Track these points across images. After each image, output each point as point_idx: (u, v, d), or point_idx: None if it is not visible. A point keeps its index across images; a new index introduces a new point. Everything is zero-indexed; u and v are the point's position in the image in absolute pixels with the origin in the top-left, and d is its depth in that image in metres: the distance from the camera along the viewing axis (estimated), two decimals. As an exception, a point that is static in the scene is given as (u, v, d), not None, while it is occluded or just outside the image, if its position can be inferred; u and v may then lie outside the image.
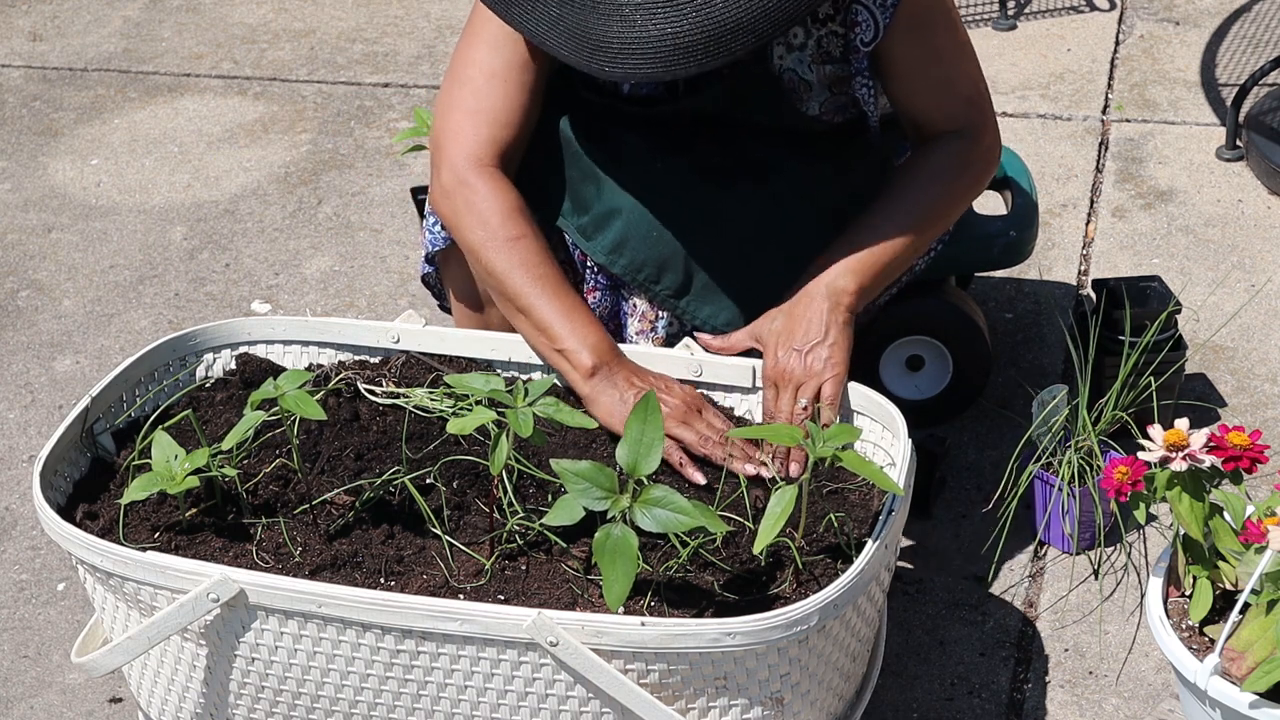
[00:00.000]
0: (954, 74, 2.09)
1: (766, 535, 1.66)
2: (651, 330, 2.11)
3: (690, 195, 2.07)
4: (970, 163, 2.10)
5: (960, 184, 2.09)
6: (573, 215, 2.08)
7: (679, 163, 2.07)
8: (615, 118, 2.10)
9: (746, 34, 1.80)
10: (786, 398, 1.93)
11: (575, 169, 2.07)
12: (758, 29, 1.80)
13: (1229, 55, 3.43)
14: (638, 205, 2.04)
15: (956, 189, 2.09)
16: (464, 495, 1.86)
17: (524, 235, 1.98)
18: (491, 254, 1.98)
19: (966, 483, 2.36)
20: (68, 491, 1.91)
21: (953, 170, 2.08)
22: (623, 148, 2.08)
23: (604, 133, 2.09)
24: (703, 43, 1.79)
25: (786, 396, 1.93)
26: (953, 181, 2.08)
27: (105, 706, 2.11)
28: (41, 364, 2.77)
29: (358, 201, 3.16)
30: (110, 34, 3.86)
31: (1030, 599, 2.18)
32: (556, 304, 1.97)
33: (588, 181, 2.07)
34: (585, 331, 1.95)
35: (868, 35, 2.01)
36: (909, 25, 2.02)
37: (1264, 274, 2.76)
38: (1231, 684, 1.68)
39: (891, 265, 2.03)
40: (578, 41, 1.84)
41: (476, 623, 1.65)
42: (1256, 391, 2.51)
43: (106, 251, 3.06)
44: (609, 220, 2.06)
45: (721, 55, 1.80)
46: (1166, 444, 1.76)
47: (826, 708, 1.77)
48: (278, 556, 1.79)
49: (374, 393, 1.98)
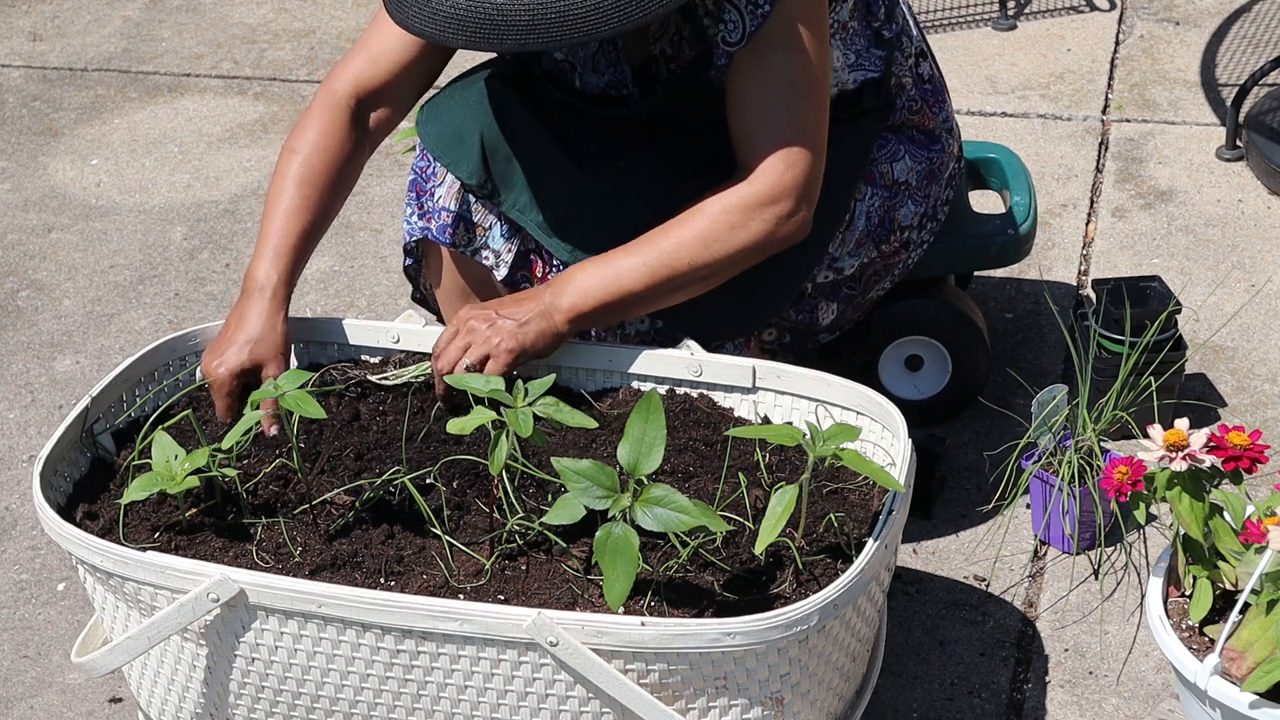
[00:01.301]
0: (778, 106, 1.96)
1: (767, 535, 1.66)
2: (619, 326, 2.12)
3: (652, 191, 2.07)
4: (736, 221, 1.96)
5: (718, 237, 1.96)
6: (533, 210, 2.09)
7: (641, 157, 2.08)
8: (578, 115, 2.11)
9: (520, 31, 1.80)
10: (457, 346, 1.94)
11: (540, 164, 2.08)
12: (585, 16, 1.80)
13: (1229, 55, 3.43)
14: (600, 204, 2.05)
15: (713, 242, 1.96)
16: (464, 495, 1.86)
17: (297, 152, 2.07)
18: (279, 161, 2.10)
19: (966, 483, 2.36)
20: (68, 491, 1.91)
21: (714, 222, 1.96)
22: (585, 146, 2.10)
23: (567, 131, 2.10)
24: (476, 20, 1.81)
25: (458, 345, 1.94)
26: (710, 233, 1.96)
27: (105, 706, 2.11)
28: (41, 364, 2.77)
29: (358, 201, 3.16)
30: (110, 34, 3.86)
31: (1030, 599, 2.18)
32: (266, 224, 2.05)
33: (552, 177, 2.08)
34: (264, 253, 2.03)
35: (733, 37, 1.97)
36: (763, 40, 1.96)
37: (1264, 274, 2.76)
38: (1231, 684, 1.68)
39: (625, 301, 1.97)
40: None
41: (476, 623, 1.65)
42: (1256, 391, 2.51)
43: (106, 251, 3.05)
44: (573, 217, 2.07)
45: (495, 43, 1.81)
46: (1166, 444, 1.76)
47: (826, 708, 1.77)
48: (278, 556, 1.79)
49: (385, 379, 2.00)
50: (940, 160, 2.25)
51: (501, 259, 2.14)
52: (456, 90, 2.12)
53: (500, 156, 2.08)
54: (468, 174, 2.08)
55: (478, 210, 2.13)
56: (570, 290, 1.96)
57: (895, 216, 2.21)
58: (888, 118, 2.18)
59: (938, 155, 2.24)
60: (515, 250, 2.13)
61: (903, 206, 2.22)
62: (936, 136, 2.24)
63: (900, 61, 2.17)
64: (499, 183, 2.09)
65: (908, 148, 2.21)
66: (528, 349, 1.93)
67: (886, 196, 2.20)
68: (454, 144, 2.09)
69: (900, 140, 2.21)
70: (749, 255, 1.99)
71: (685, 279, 1.98)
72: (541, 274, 2.15)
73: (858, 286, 2.24)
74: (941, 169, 2.25)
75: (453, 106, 2.11)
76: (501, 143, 2.08)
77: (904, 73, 2.18)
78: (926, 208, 2.25)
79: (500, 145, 2.08)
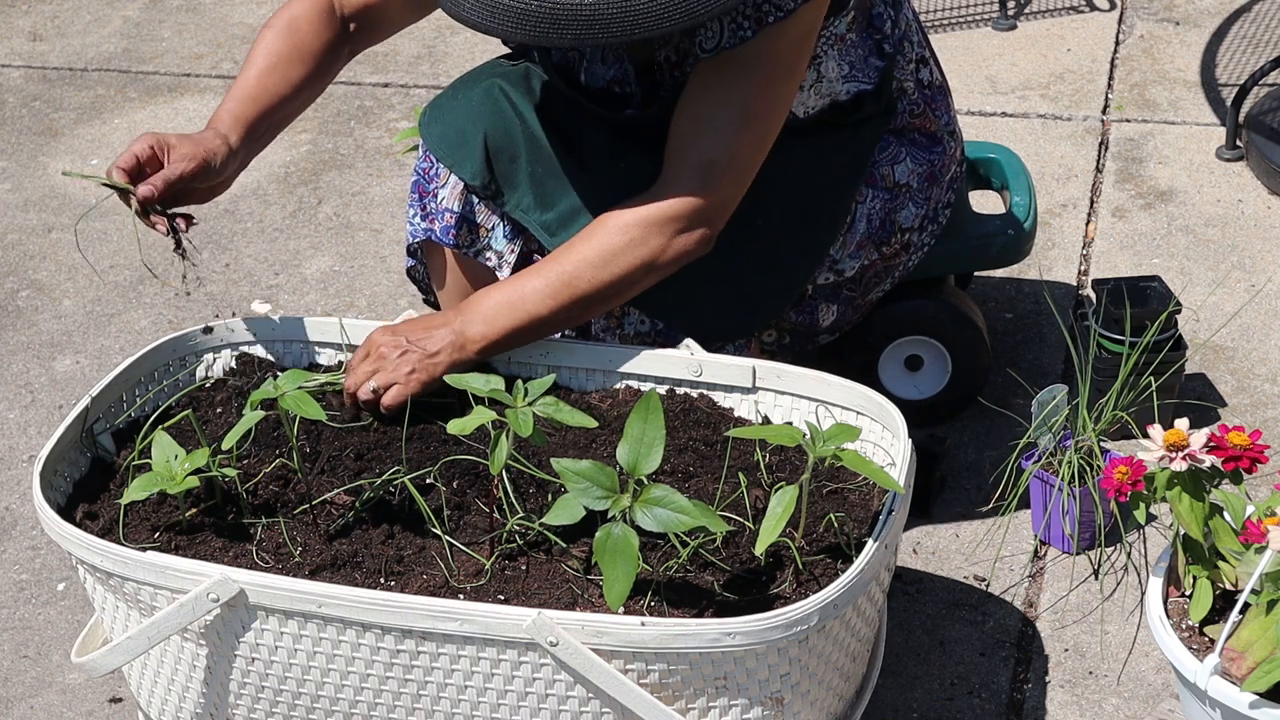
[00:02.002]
0: (718, 127, 1.95)
1: (767, 535, 1.66)
2: (618, 327, 2.12)
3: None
4: (636, 237, 1.95)
5: (616, 253, 1.95)
6: (536, 211, 2.08)
7: (642, 162, 2.08)
8: (582, 116, 2.11)
9: (585, 25, 1.80)
10: (364, 370, 1.95)
11: (543, 164, 2.08)
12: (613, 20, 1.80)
13: (1229, 55, 3.43)
14: (602, 204, 2.05)
15: (611, 258, 1.95)
16: (464, 495, 1.86)
17: (270, 28, 2.11)
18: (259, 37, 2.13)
19: (966, 483, 2.36)
20: (68, 491, 1.91)
21: (613, 237, 1.95)
22: (588, 148, 2.09)
23: (570, 131, 2.10)
24: (536, 15, 1.80)
25: (365, 368, 1.95)
26: (608, 249, 1.95)
27: (105, 706, 2.11)
28: (41, 364, 2.77)
29: (358, 201, 3.16)
30: (110, 34, 3.86)
31: (1030, 599, 2.18)
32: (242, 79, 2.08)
33: (554, 178, 2.08)
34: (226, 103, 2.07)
35: (708, 44, 1.96)
36: (730, 61, 1.95)
37: (1264, 274, 2.76)
38: (1231, 684, 1.68)
39: (530, 325, 1.96)
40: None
41: (476, 623, 1.65)
42: (1256, 391, 2.51)
43: (106, 251, 3.05)
44: (574, 218, 2.07)
45: (556, 39, 1.81)
46: (1166, 444, 1.76)
47: (826, 708, 1.77)
48: (278, 556, 1.79)
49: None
50: (941, 163, 2.25)
51: (504, 260, 2.14)
52: (459, 91, 2.12)
53: (504, 157, 2.08)
54: (471, 175, 2.08)
55: (480, 211, 2.13)
56: (478, 318, 1.96)
57: (896, 219, 2.21)
58: (888, 123, 2.18)
59: (939, 158, 2.24)
60: (518, 251, 2.13)
61: (904, 209, 2.22)
62: (938, 139, 2.25)
63: (902, 66, 2.17)
64: (503, 183, 2.09)
65: (909, 150, 2.21)
66: (436, 379, 1.94)
67: (887, 199, 2.20)
68: (457, 145, 2.09)
69: (902, 143, 2.21)
70: (647, 272, 1.97)
71: (588, 299, 1.96)
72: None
73: (858, 288, 2.24)
74: (943, 172, 2.25)
75: (455, 107, 2.11)
76: (505, 143, 2.08)
77: (905, 77, 2.18)
78: (927, 210, 2.25)
79: (504, 146, 2.08)
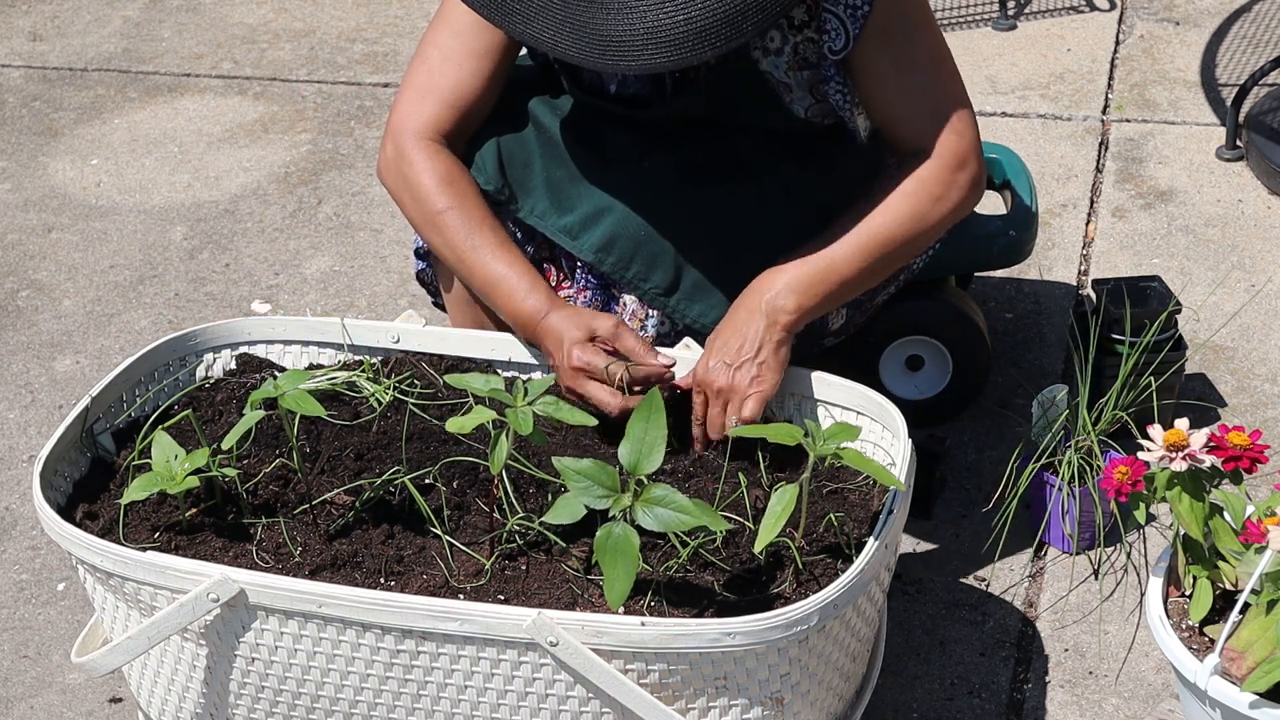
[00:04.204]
0: (924, 84, 2.03)
1: (767, 535, 1.66)
2: (641, 328, 2.11)
3: (679, 194, 2.07)
4: (937, 193, 2.02)
5: (925, 211, 2.02)
6: (554, 215, 2.08)
7: (667, 162, 2.07)
8: (603, 117, 2.10)
9: (755, 14, 1.80)
10: (715, 410, 1.94)
11: (561, 168, 2.08)
12: (765, 7, 1.80)
13: (1229, 55, 3.43)
14: (627, 204, 2.04)
15: (921, 217, 2.02)
16: (464, 495, 1.86)
17: (451, 207, 2.02)
18: (428, 231, 2.04)
19: (966, 483, 2.36)
20: (68, 491, 1.91)
21: (918, 196, 2.02)
22: (611, 147, 2.09)
23: (592, 132, 2.10)
24: (715, 26, 1.79)
25: (715, 409, 1.94)
26: (917, 209, 2.01)
27: (105, 706, 2.11)
28: (41, 364, 2.77)
29: (358, 201, 3.16)
30: (110, 34, 3.86)
31: (1030, 599, 2.18)
32: (491, 268, 2.01)
33: (575, 181, 2.07)
34: (516, 289, 2.01)
35: (837, 44, 1.99)
36: (880, 34, 1.99)
37: (1264, 274, 2.76)
38: (1231, 684, 1.68)
39: (840, 289, 2.00)
40: (586, 40, 1.84)
41: (476, 623, 1.65)
42: (1256, 391, 2.51)
43: (106, 251, 3.06)
44: (597, 219, 2.06)
45: (735, 37, 1.80)
46: (1166, 444, 1.76)
47: (826, 708, 1.77)
48: (278, 556, 1.79)
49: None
50: None
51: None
52: None
53: (517, 163, 2.07)
54: (485, 181, 2.07)
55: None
56: (785, 290, 1.97)
57: None
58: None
59: None
60: (529, 257, 2.12)
61: None
62: None
63: None
64: (516, 189, 2.08)
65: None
66: (780, 369, 1.96)
67: None
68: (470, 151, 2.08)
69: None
70: (950, 222, 2.05)
71: (893, 257, 2.02)
72: (555, 282, 2.14)
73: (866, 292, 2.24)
74: None
75: None
76: (518, 149, 2.07)
77: None
78: None
79: (517, 151, 2.07)
